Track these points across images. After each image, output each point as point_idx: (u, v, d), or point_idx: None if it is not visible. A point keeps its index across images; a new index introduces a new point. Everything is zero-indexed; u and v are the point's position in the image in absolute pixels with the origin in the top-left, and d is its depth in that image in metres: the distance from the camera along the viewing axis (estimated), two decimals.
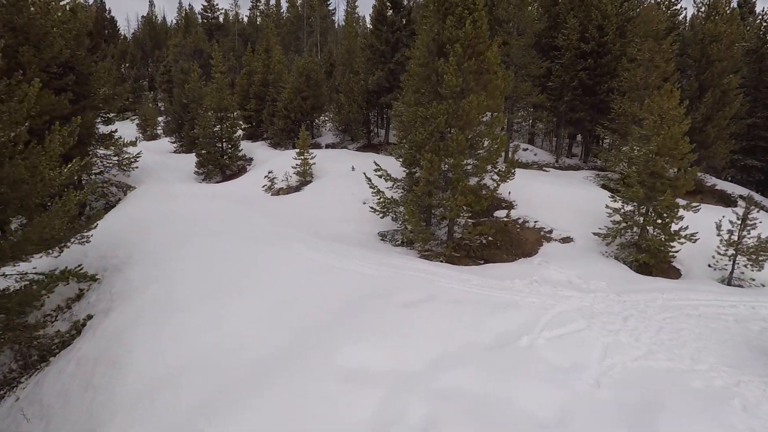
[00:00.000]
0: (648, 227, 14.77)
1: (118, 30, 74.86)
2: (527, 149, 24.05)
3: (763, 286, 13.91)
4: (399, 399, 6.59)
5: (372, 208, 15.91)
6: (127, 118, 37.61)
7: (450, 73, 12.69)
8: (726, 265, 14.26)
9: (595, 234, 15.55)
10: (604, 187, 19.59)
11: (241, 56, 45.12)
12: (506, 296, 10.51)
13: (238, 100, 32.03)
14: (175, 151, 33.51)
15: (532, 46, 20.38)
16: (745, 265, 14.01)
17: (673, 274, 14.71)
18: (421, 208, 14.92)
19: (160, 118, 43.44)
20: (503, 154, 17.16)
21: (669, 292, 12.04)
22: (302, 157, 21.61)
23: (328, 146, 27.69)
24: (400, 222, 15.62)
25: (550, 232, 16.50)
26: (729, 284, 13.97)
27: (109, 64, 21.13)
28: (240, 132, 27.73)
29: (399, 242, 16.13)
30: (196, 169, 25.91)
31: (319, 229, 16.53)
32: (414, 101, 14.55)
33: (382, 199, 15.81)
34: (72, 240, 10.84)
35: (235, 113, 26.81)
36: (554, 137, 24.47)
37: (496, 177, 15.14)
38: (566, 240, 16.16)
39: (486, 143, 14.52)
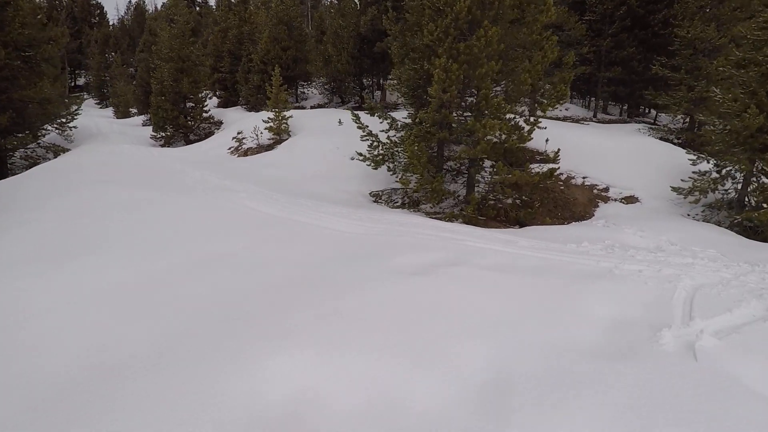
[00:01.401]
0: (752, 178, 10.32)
1: (106, 17, 70.54)
2: (557, 106, 19.50)
3: None
4: None
5: (360, 154, 11.38)
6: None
7: None
8: None
9: (674, 189, 11.07)
10: (663, 140, 15.10)
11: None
12: (586, 262, 6.02)
13: (212, 62, 27.51)
14: (143, 124, 28.95)
15: None
16: None
17: None
18: (430, 152, 10.42)
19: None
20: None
21: None
22: (276, 109, 17.10)
23: (313, 108, 23.16)
24: (399, 175, 11.10)
25: (606, 190, 12.04)
26: None
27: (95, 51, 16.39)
28: (209, 93, 23.22)
29: (398, 203, 11.67)
30: (153, 134, 21.40)
31: (291, 188, 12.04)
32: None
33: (375, 144, 11.32)
34: None
35: (202, 68, 22.29)
36: (588, 94, 19.90)
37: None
38: (630, 200, 11.70)
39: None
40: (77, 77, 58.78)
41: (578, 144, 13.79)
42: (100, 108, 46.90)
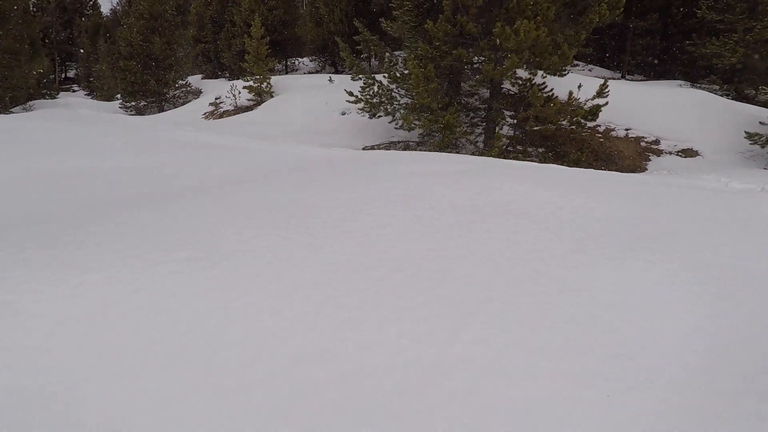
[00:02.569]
0: None
1: (99, 8, 68.14)
2: (577, 65, 17.18)
3: None
4: None
5: (351, 94, 9.02)
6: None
7: None
8: None
9: (748, 135, 8.80)
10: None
11: None
12: (710, 185, 3.75)
13: (194, 33, 25.12)
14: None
15: None
16: None
17: None
18: (440, 83, 8.05)
19: None
20: None
21: None
22: (257, 66, 14.73)
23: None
24: (399, 123, 8.75)
25: (656, 142, 9.75)
26: None
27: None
28: (185, 57, 20.81)
29: None
30: (122, 102, 19.01)
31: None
32: None
33: (369, 82, 8.99)
34: None
35: (179, 31, 19.93)
36: (616, 51, 17.51)
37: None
38: (689, 153, 9.40)
39: None
40: (67, 69, 56.34)
41: (616, 95, 11.37)
42: (91, 99, 44.49)
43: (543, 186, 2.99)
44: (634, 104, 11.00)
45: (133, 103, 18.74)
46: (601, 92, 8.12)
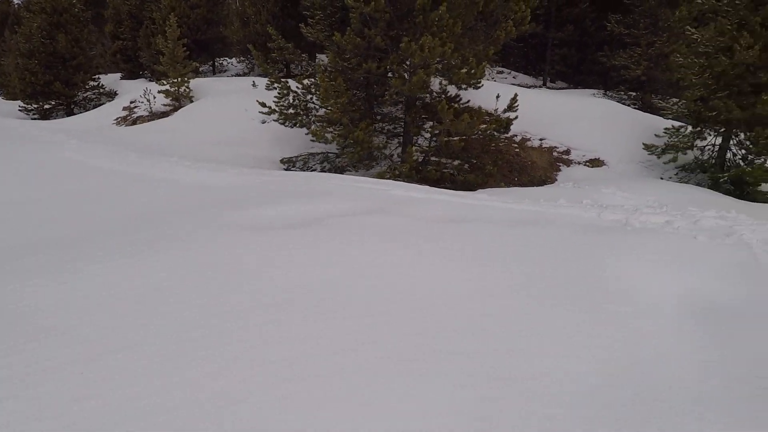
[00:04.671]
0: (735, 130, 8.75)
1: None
2: (501, 71, 17.70)
3: None
4: None
5: (265, 105, 8.61)
6: None
7: None
8: None
9: (646, 147, 9.35)
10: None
11: None
12: (582, 215, 3.75)
13: (111, 28, 23.33)
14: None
15: None
16: None
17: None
18: (355, 95, 7.87)
19: None
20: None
21: None
22: (174, 70, 13.84)
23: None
24: (314, 128, 8.43)
25: (567, 152, 10.16)
26: None
27: None
28: (94, 51, 19.25)
29: (316, 170, 9.07)
30: (22, 105, 17.23)
31: (182, 156, 9.03)
32: None
33: (283, 92, 8.63)
34: None
35: (89, 27, 18.36)
36: (536, 61, 18.19)
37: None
38: (596, 163, 9.86)
39: None
40: None
41: (533, 105, 11.82)
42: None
43: (402, 245, 2.78)
44: (549, 114, 11.41)
45: (35, 106, 17.03)
46: (511, 106, 8.28)
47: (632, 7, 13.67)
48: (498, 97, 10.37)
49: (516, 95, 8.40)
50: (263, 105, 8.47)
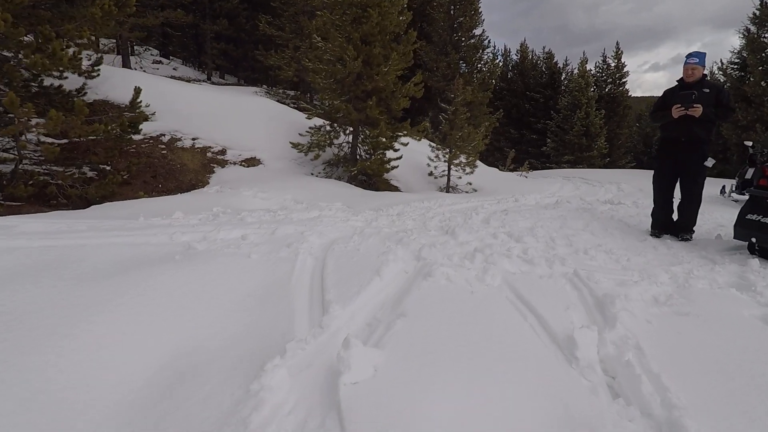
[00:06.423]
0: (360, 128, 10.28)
1: None
2: (159, 60, 15.85)
3: (476, 190, 11.99)
4: None
5: None
6: None
7: None
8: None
9: (293, 145, 9.90)
10: (281, 103, 14.24)
11: None
12: (146, 240, 3.10)
13: None
14: None
15: None
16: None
17: (395, 190, 10.88)
18: None
19: None
20: None
21: (428, 201, 7.76)
22: None
23: None
24: None
25: (223, 152, 9.74)
26: (449, 191, 11.35)
27: None
28: None
29: None
30: None
31: None
32: None
33: None
34: None
35: None
36: (198, 53, 17.15)
37: None
38: (252, 162, 9.82)
39: None
40: None
41: (186, 101, 10.89)
42: None
43: None
44: (206, 111, 10.71)
45: None
46: (134, 102, 7.07)
47: (280, 10, 14.37)
48: (138, 89, 8.92)
49: (138, 89, 7.22)
50: None
